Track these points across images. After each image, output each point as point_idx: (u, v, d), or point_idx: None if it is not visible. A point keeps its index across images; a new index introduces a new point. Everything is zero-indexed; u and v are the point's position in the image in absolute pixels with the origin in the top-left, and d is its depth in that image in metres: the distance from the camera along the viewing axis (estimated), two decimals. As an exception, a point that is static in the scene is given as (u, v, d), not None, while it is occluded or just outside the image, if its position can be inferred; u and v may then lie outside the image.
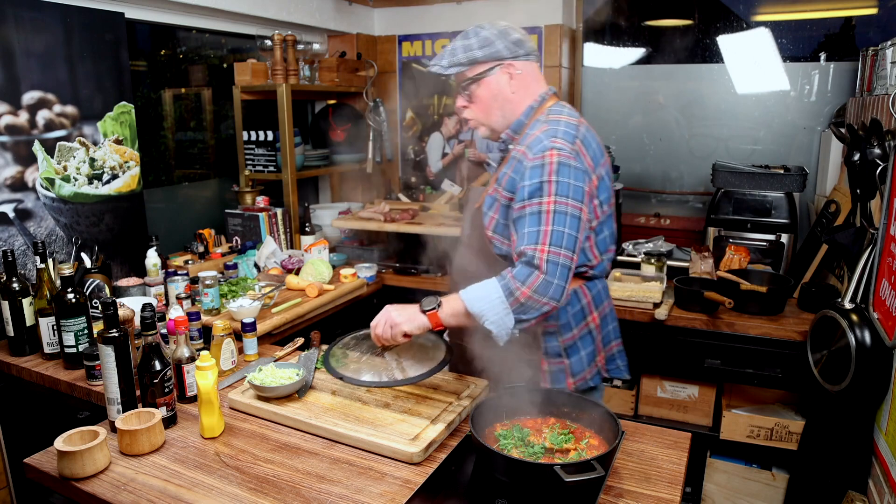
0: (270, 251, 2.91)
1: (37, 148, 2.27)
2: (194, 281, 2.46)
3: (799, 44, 3.24)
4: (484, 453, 1.31)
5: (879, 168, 1.97)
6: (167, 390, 1.56)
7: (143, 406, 1.57)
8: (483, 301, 1.46)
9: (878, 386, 1.80)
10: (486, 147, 1.91)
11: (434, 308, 1.53)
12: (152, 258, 2.41)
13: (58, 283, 1.91)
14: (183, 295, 2.32)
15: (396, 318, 1.55)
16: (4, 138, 2.18)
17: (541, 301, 1.44)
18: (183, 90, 3.20)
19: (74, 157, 2.40)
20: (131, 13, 2.60)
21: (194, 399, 1.69)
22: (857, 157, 2.07)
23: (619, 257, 3.01)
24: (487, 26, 1.65)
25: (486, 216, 1.66)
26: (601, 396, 1.83)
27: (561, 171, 1.48)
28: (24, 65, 2.20)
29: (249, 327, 2.00)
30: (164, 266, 2.59)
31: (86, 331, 1.92)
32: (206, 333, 2.03)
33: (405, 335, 1.56)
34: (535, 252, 1.44)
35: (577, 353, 1.69)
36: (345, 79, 3.46)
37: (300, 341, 2.12)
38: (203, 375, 1.50)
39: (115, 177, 2.55)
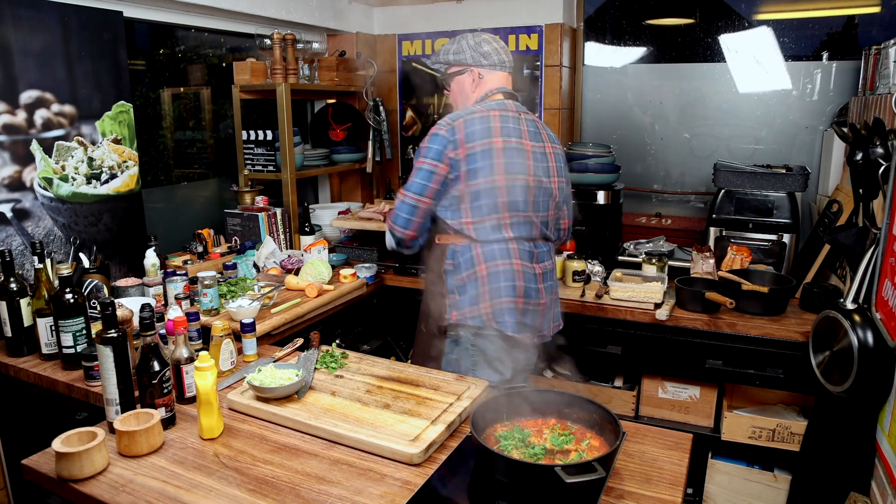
0: (270, 251, 2.90)
1: (35, 147, 2.26)
2: (193, 281, 2.45)
3: (801, 42, 3.23)
4: (484, 454, 1.30)
5: (882, 168, 1.96)
6: (166, 391, 1.55)
7: (142, 407, 1.56)
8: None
9: (880, 387, 1.79)
10: None
11: None
12: (151, 258, 2.40)
13: (56, 283, 1.90)
14: (182, 295, 2.31)
15: None
16: (2, 138, 2.17)
17: (394, 228, 2.03)
18: (182, 89, 3.20)
19: (73, 156, 2.39)
20: (130, 12, 2.59)
21: (193, 400, 1.68)
22: (859, 156, 2.06)
23: (620, 257, 3.00)
24: (470, 37, 2.09)
25: None
26: (493, 347, 2.02)
27: (431, 139, 1.98)
28: (21, 64, 2.20)
29: (248, 328, 1.99)
30: (163, 266, 2.58)
31: (84, 331, 1.91)
32: (205, 334, 2.02)
33: None
34: (398, 193, 2.05)
35: (465, 293, 2.01)
36: (344, 78, 3.46)
37: (300, 342, 2.11)
38: (202, 376, 1.49)
39: (113, 176, 2.54)
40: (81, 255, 2.36)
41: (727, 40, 3.32)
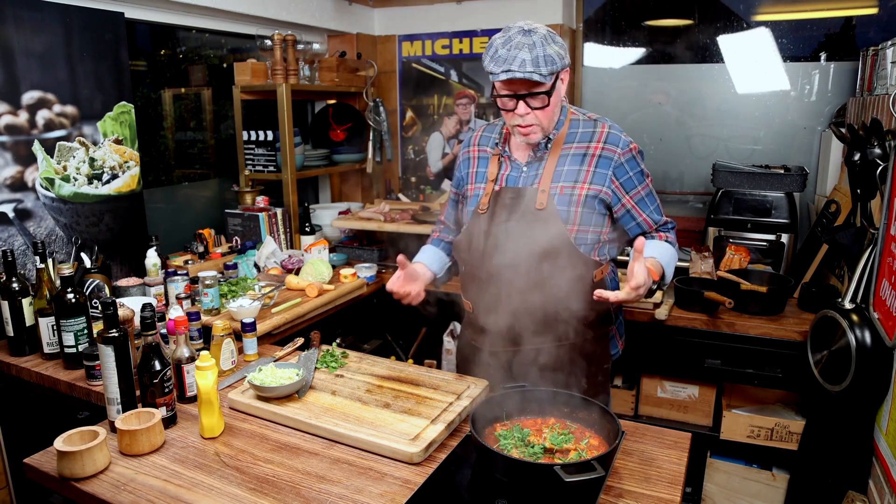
0: (270, 251, 2.91)
1: (36, 148, 2.27)
2: (194, 281, 2.46)
3: (799, 43, 3.24)
4: (484, 453, 1.31)
5: (880, 168, 1.97)
6: (167, 390, 1.56)
7: (143, 406, 1.57)
8: (671, 262, 1.77)
9: (878, 386, 1.80)
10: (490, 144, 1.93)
11: (661, 283, 1.75)
12: (152, 258, 2.41)
13: (57, 283, 1.91)
14: (183, 295, 2.32)
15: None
16: (4, 138, 2.18)
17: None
18: (183, 90, 3.20)
19: (74, 156, 2.39)
20: (131, 13, 2.60)
21: (194, 399, 1.69)
22: (857, 156, 2.07)
23: (620, 257, 3.01)
24: (544, 29, 1.70)
25: (568, 212, 1.73)
26: None
27: (642, 157, 1.82)
28: (23, 64, 2.20)
29: (249, 327, 2.00)
30: (164, 266, 2.59)
31: (85, 331, 1.92)
32: (205, 333, 2.02)
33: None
34: (667, 219, 1.85)
35: (618, 318, 1.95)
36: (345, 79, 3.46)
37: (300, 341, 2.12)
38: (203, 375, 1.49)
39: (114, 177, 2.55)
40: (83, 254, 2.37)
41: (726, 41, 3.33)
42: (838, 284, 2.42)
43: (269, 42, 3.01)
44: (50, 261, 2.08)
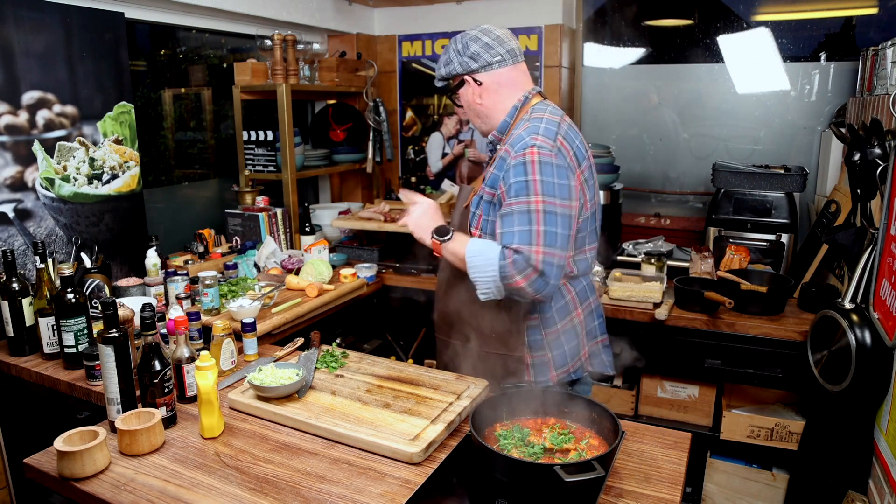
0: (270, 251, 2.91)
1: (36, 148, 2.27)
2: (194, 281, 2.46)
3: (799, 43, 3.24)
4: (484, 453, 1.31)
5: (880, 168, 1.97)
6: (167, 390, 1.56)
7: (143, 406, 1.57)
8: (481, 263, 1.57)
9: (878, 386, 1.80)
10: (486, 147, 1.95)
11: (445, 239, 1.69)
12: (152, 258, 2.41)
13: (57, 283, 1.91)
14: (183, 295, 2.32)
15: (418, 222, 1.78)
16: (4, 138, 2.18)
17: (531, 295, 1.55)
18: (183, 90, 3.20)
19: (74, 156, 2.39)
20: (131, 13, 2.60)
21: (194, 399, 1.69)
22: (857, 157, 2.07)
23: (619, 257, 3.01)
24: (458, 39, 1.73)
25: (474, 215, 1.74)
26: (588, 391, 1.90)
27: (544, 169, 1.51)
28: (23, 64, 2.20)
29: (249, 327, 2.00)
30: (164, 266, 2.59)
31: (85, 331, 1.92)
32: (205, 333, 2.02)
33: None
34: (531, 253, 1.50)
35: (560, 347, 1.73)
36: (345, 79, 3.46)
37: (300, 341, 2.12)
38: (203, 375, 1.50)
39: (114, 177, 2.55)
40: (83, 254, 2.37)
41: (726, 41, 3.33)
42: (838, 284, 2.42)
43: (269, 42, 3.01)
44: (50, 261, 2.08)
